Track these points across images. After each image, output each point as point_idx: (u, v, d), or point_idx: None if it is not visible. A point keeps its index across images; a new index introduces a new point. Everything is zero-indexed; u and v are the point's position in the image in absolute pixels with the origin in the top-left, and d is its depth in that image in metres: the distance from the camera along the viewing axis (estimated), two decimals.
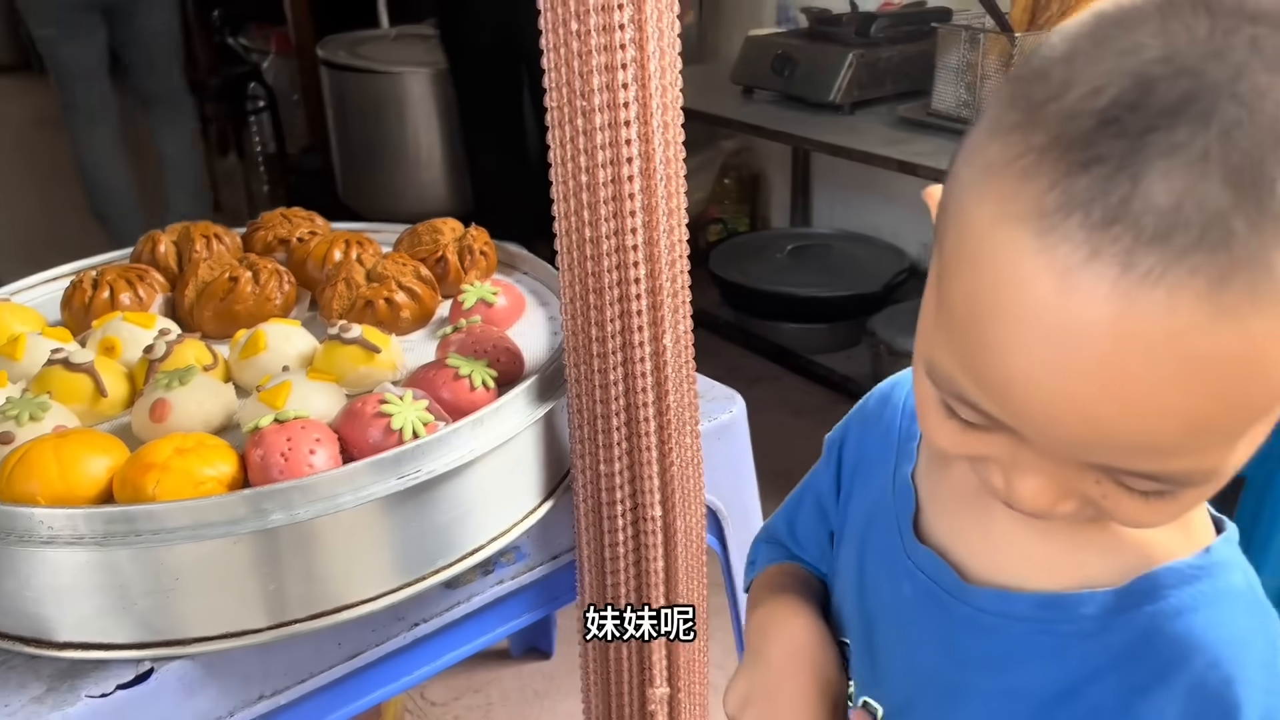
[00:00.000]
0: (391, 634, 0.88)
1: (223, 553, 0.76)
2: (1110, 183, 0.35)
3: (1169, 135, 0.34)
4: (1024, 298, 0.37)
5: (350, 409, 0.84)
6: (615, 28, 0.81)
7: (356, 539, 0.80)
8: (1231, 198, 0.34)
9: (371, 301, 1.03)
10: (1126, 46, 0.36)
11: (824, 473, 0.69)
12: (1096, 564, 0.49)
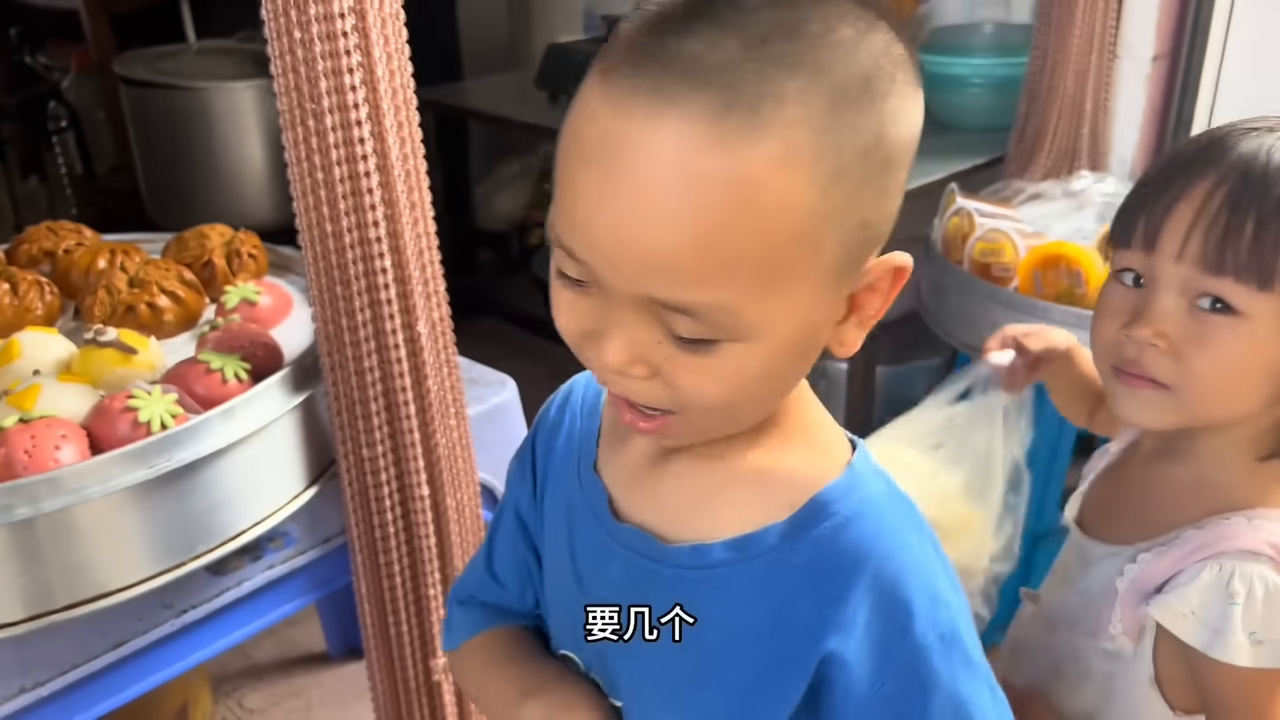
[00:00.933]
0: (158, 621, 0.91)
1: None
2: (656, 42, 0.45)
3: (709, 7, 0.46)
4: (591, 130, 0.46)
5: (99, 406, 0.87)
6: (339, 35, 0.87)
7: (109, 528, 0.83)
8: (741, 49, 0.44)
9: (133, 306, 1.05)
10: None
11: (519, 488, 0.69)
12: (769, 502, 0.55)
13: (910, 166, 0.50)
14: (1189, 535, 0.74)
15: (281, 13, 0.85)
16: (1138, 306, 0.72)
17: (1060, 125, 1.93)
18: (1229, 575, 0.70)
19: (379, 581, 1.05)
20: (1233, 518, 0.73)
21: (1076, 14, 1.84)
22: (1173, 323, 0.69)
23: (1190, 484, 0.76)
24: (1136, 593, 0.75)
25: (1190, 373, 0.70)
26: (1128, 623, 0.76)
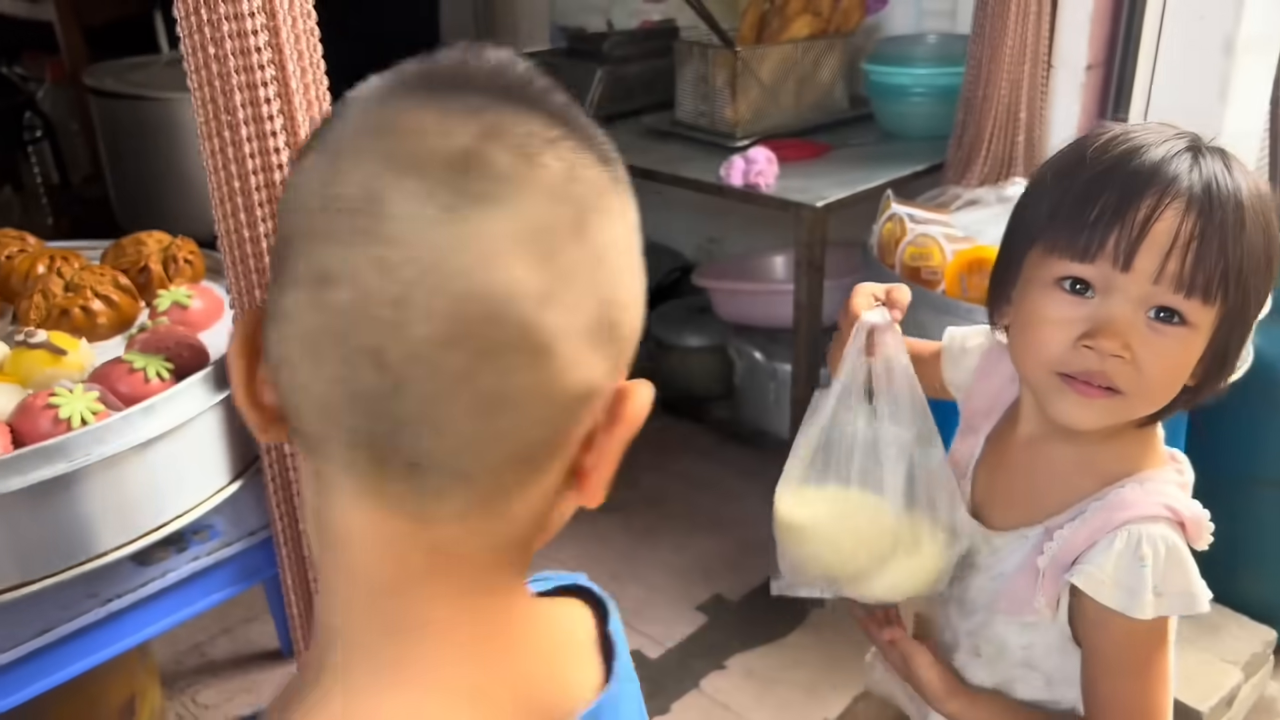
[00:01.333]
0: (83, 610, 0.96)
1: None
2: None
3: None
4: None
5: (22, 404, 0.91)
6: (253, 50, 0.92)
7: (31, 520, 0.88)
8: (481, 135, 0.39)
9: (67, 310, 1.10)
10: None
11: None
12: None
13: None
14: (1093, 508, 0.80)
15: (196, 29, 0.90)
16: (1093, 318, 0.75)
17: (995, 133, 1.98)
18: (1137, 540, 0.76)
19: (304, 573, 1.09)
20: (1127, 485, 0.80)
21: (1008, 26, 1.89)
22: (1134, 334, 0.74)
23: (1078, 459, 0.82)
24: (1057, 567, 0.80)
25: (1146, 379, 0.75)
26: (1049, 595, 0.81)
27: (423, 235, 0.36)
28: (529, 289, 0.36)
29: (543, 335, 0.37)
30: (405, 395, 0.36)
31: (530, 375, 0.37)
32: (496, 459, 0.39)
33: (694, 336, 2.56)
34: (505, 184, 0.37)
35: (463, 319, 0.36)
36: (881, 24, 2.46)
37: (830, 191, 1.90)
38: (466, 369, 0.36)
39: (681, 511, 2.22)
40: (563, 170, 0.38)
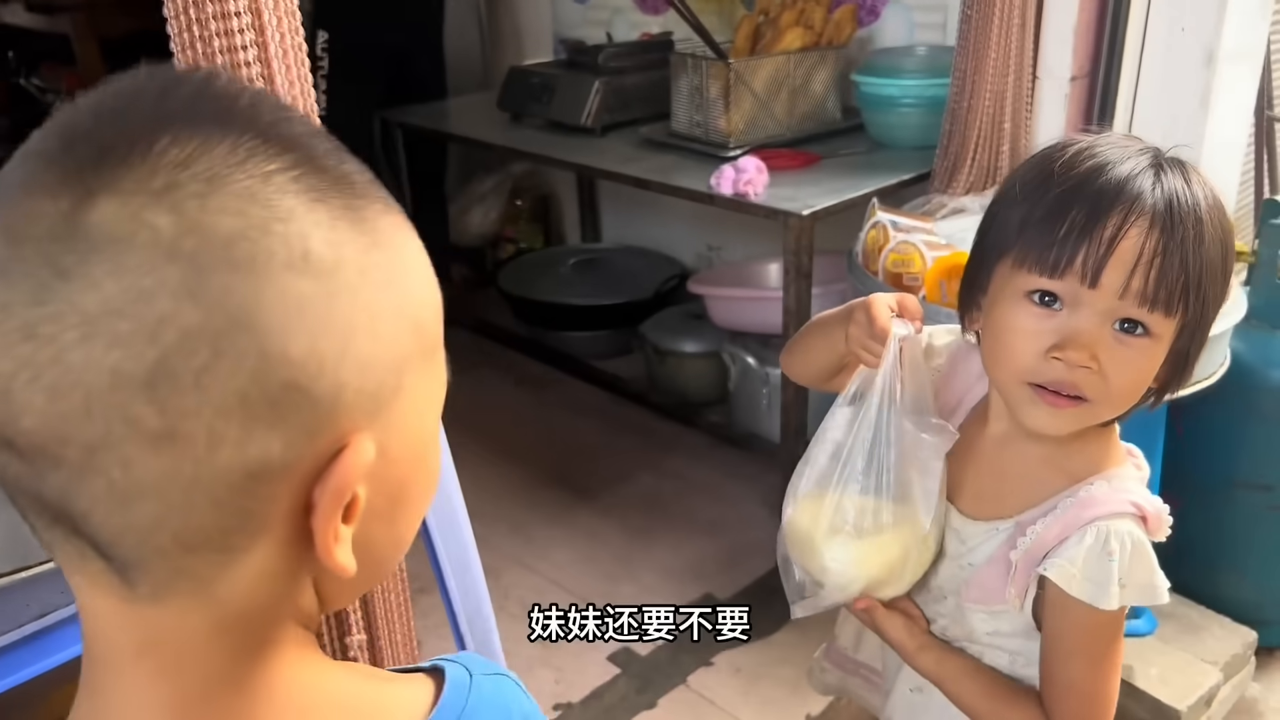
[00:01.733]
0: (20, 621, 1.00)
1: None
2: None
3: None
4: None
5: None
6: (241, 65, 0.97)
7: None
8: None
9: None
10: None
11: None
12: None
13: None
14: (1064, 504, 0.84)
15: (188, 45, 0.95)
16: (1061, 329, 0.79)
17: (980, 143, 2.02)
18: (1105, 536, 0.81)
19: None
20: (1095, 483, 0.84)
21: (992, 38, 1.94)
22: (1101, 346, 0.78)
23: (1047, 458, 0.87)
24: (1029, 560, 0.85)
25: (1112, 387, 0.79)
26: (1019, 587, 0.86)
27: (16, 320, 0.33)
28: (129, 371, 0.33)
29: (156, 424, 0.34)
30: (45, 482, 0.35)
31: (157, 463, 0.34)
32: (162, 545, 0.36)
33: (689, 342, 2.61)
34: (101, 251, 0.33)
35: (61, 415, 0.33)
36: (874, 36, 2.50)
37: (817, 200, 1.95)
38: (84, 462, 0.34)
39: (676, 513, 2.26)
40: (172, 224, 0.34)
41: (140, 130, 0.35)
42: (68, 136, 0.36)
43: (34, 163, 0.36)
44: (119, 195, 0.34)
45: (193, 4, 0.94)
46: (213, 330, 0.34)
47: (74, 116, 0.37)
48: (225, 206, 0.34)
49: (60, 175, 0.34)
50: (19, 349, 0.33)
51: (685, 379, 2.61)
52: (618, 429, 2.62)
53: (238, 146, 0.35)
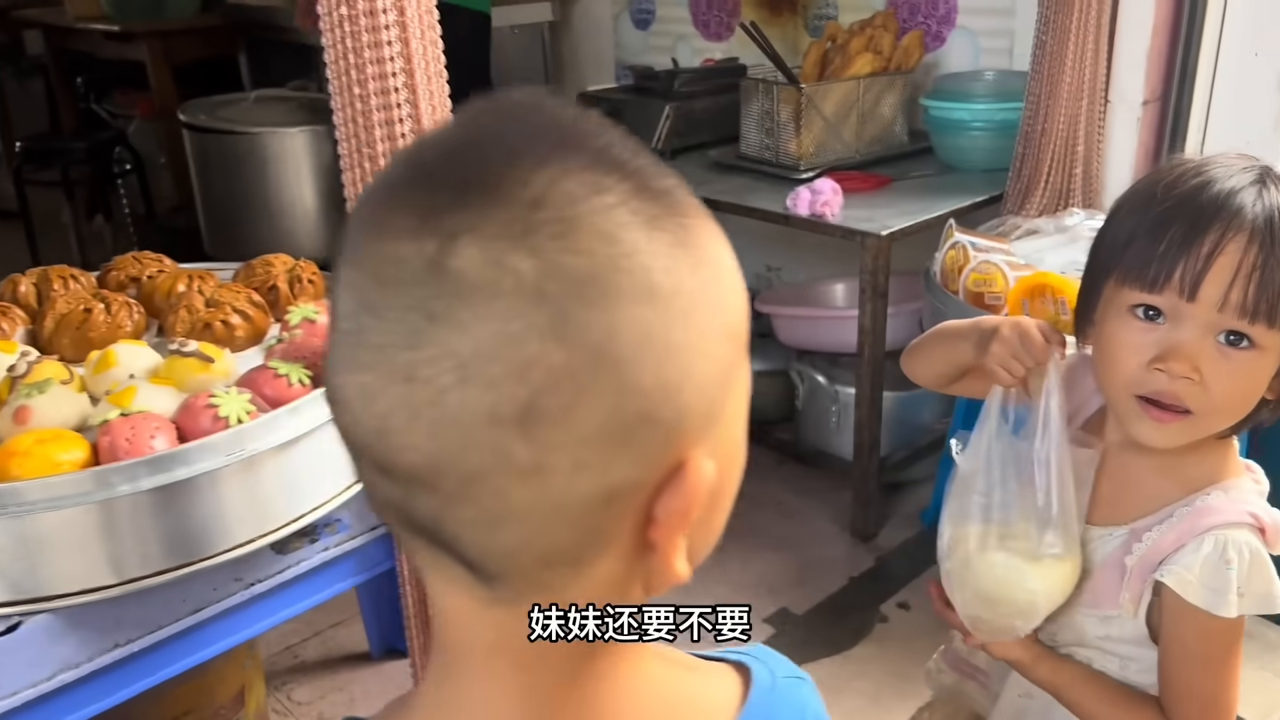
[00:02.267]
0: (230, 592, 1.06)
1: (76, 520, 0.93)
2: None
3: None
4: None
5: (185, 404, 1.03)
6: (391, 90, 1.03)
7: (193, 507, 0.99)
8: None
9: (209, 323, 1.21)
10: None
11: None
12: None
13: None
14: (1180, 513, 0.87)
15: (343, 71, 1.02)
16: (1163, 342, 0.82)
17: (1054, 166, 2.06)
18: (1223, 545, 0.83)
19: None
20: (1212, 493, 0.87)
21: (1066, 63, 1.97)
22: (1203, 357, 0.81)
23: (1163, 467, 0.89)
24: (1145, 566, 0.87)
25: (1214, 399, 0.82)
26: (1134, 592, 0.88)
27: (393, 363, 0.36)
28: (503, 412, 0.35)
29: (526, 458, 0.36)
30: (416, 505, 0.37)
31: (525, 493, 0.36)
32: (525, 564, 0.38)
33: (756, 361, 2.63)
34: (469, 297, 0.35)
35: (439, 451, 0.36)
36: (940, 61, 2.54)
37: (894, 221, 1.99)
38: (457, 492, 0.36)
39: (745, 529, 2.29)
40: (534, 269, 0.35)
41: (492, 169, 0.36)
42: (421, 176, 0.38)
43: (389, 202, 0.37)
44: (480, 239, 0.35)
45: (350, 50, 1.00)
46: (576, 368, 0.35)
47: (422, 154, 0.39)
48: (580, 247, 0.36)
49: (420, 217, 0.36)
50: (396, 389, 0.35)
51: (752, 397, 2.64)
52: None
53: (583, 180, 0.37)
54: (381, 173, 0.40)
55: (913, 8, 2.54)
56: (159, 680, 1.03)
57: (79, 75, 4.51)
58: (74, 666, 0.97)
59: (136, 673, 1.02)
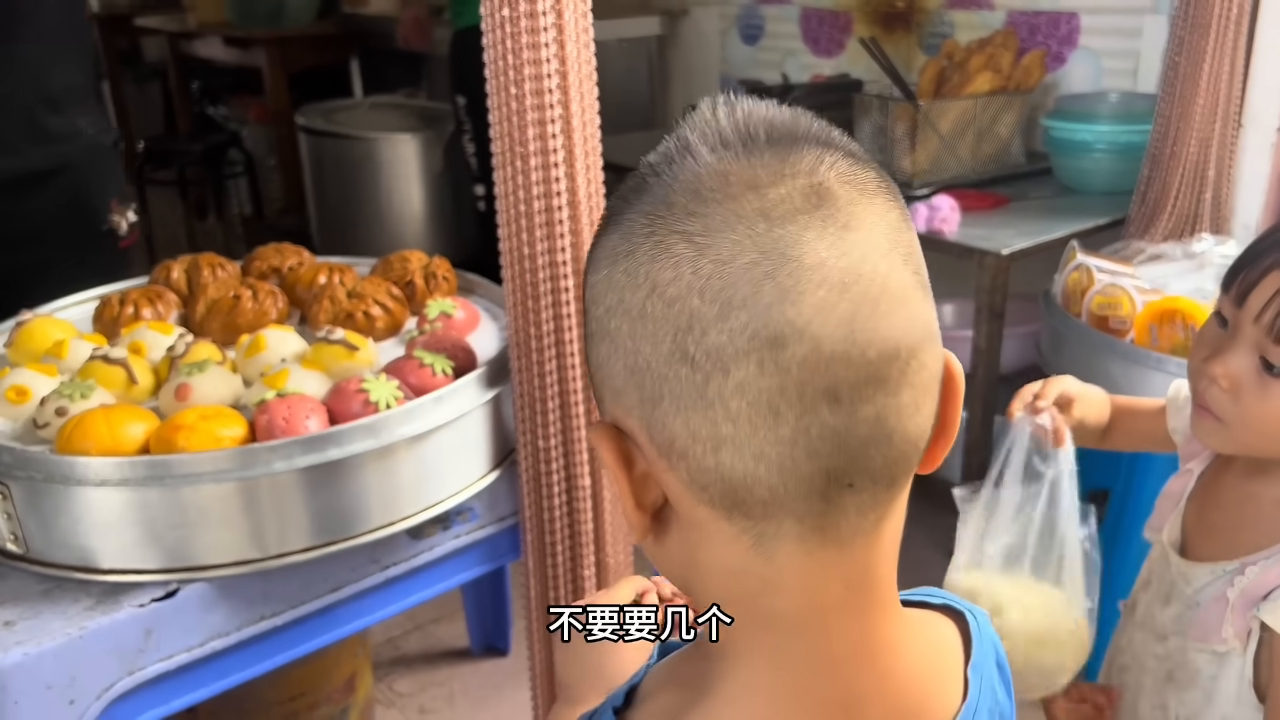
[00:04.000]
0: (367, 573, 1.09)
1: (233, 493, 0.97)
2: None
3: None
4: None
5: (336, 388, 1.06)
6: (545, 91, 1.05)
7: (342, 488, 1.01)
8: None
9: (352, 314, 1.25)
10: None
11: None
12: None
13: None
14: None
15: (501, 72, 1.04)
16: (1219, 346, 0.84)
17: (1182, 190, 2.00)
18: None
19: (544, 560, 1.20)
20: None
21: (1200, 85, 1.92)
22: (1243, 371, 0.81)
23: (1274, 500, 0.88)
24: (1247, 601, 0.85)
25: (1242, 416, 0.82)
26: (1237, 627, 0.86)
27: (837, 269, 0.38)
28: (923, 283, 0.42)
29: (934, 324, 0.42)
30: (858, 422, 0.39)
31: (935, 364, 0.41)
32: (915, 456, 0.41)
33: None
34: (857, 210, 0.39)
35: (895, 333, 0.39)
36: (1060, 81, 2.50)
37: (1013, 241, 1.96)
38: (900, 377, 0.39)
39: None
40: (874, 175, 0.42)
41: (799, 124, 0.43)
42: (751, 142, 0.41)
43: (733, 169, 0.40)
44: (830, 167, 0.40)
45: (509, 50, 1.02)
46: (916, 279, 0.42)
47: (729, 134, 0.42)
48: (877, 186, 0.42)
49: (776, 167, 0.40)
50: (850, 293, 0.38)
51: None
52: None
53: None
54: (666, 149, 0.43)
55: (1032, 27, 2.51)
56: (298, 654, 1.06)
57: (194, 80, 4.69)
58: (224, 635, 1.00)
59: (279, 645, 1.05)
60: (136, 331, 1.20)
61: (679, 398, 0.39)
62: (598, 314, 0.42)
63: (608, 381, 0.42)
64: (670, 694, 0.47)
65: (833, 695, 0.43)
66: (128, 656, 0.95)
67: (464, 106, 2.74)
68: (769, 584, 0.42)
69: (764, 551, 0.41)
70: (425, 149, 3.09)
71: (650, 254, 0.40)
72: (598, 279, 0.42)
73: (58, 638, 0.91)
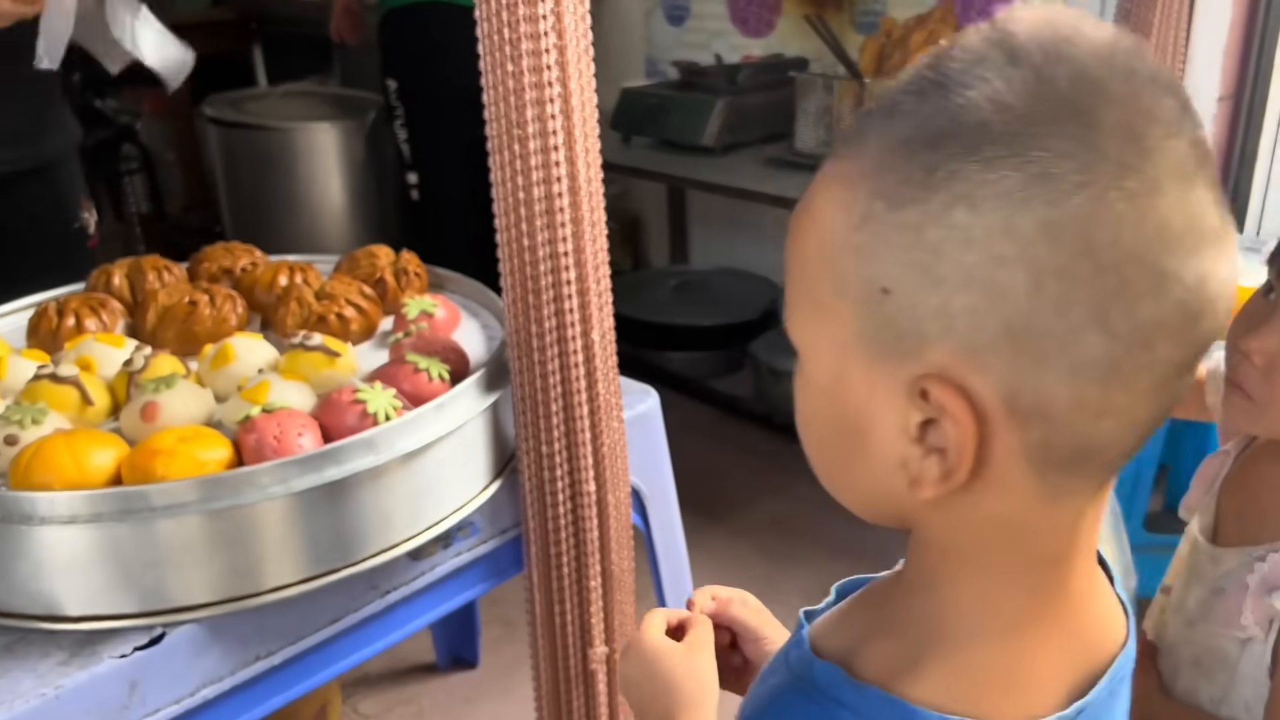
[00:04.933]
0: (367, 601, 0.99)
1: (220, 523, 0.86)
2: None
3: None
4: None
5: (328, 399, 0.96)
6: (543, 68, 0.97)
7: (341, 510, 0.92)
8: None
9: (324, 316, 1.15)
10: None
11: None
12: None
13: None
14: None
15: (496, 47, 0.95)
16: (1258, 320, 0.80)
17: None
18: None
19: (548, 571, 1.13)
20: None
21: None
22: (1277, 347, 0.78)
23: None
24: (1265, 587, 0.83)
25: (1272, 396, 0.78)
26: (1258, 614, 0.83)
27: (1228, 236, 0.38)
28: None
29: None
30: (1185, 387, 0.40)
31: None
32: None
33: None
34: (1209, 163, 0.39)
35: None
36: None
37: None
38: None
39: (811, 535, 2.24)
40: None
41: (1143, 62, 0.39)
42: (1145, 81, 0.38)
43: (1137, 109, 0.37)
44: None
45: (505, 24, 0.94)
46: None
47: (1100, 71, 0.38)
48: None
49: (1176, 113, 0.38)
50: (1226, 248, 0.38)
51: None
52: (733, 450, 2.61)
53: None
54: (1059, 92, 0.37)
55: (966, 3, 2.51)
56: (297, 694, 0.96)
57: (74, 72, 4.40)
58: (217, 680, 0.90)
59: (277, 685, 0.95)
60: (82, 345, 1.07)
61: (1079, 366, 0.37)
62: (970, 260, 0.37)
63: (961, 335, 0.38)
64: (886, 642, 0.46)
65: (1074, 629, 0.45)
66: (111, 714, 0.84)
67: (395, 91, 2.61)
68: (1046, 530, 0.43)
69: (1058, 502, 0.42)
70: (346, 137, 2.94)
71: (1086, 210, 0.35)
72: (988, 221, 0.36)
73: (30, 699, 0.80)
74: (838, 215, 0.41)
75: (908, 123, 0.39)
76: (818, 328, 0.43)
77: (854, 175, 0.41)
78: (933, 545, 0.46)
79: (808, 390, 0.45)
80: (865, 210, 0.40)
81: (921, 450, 0.40)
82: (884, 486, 0.43)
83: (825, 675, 0.46)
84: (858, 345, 0.41)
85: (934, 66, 0.39)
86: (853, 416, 0.43)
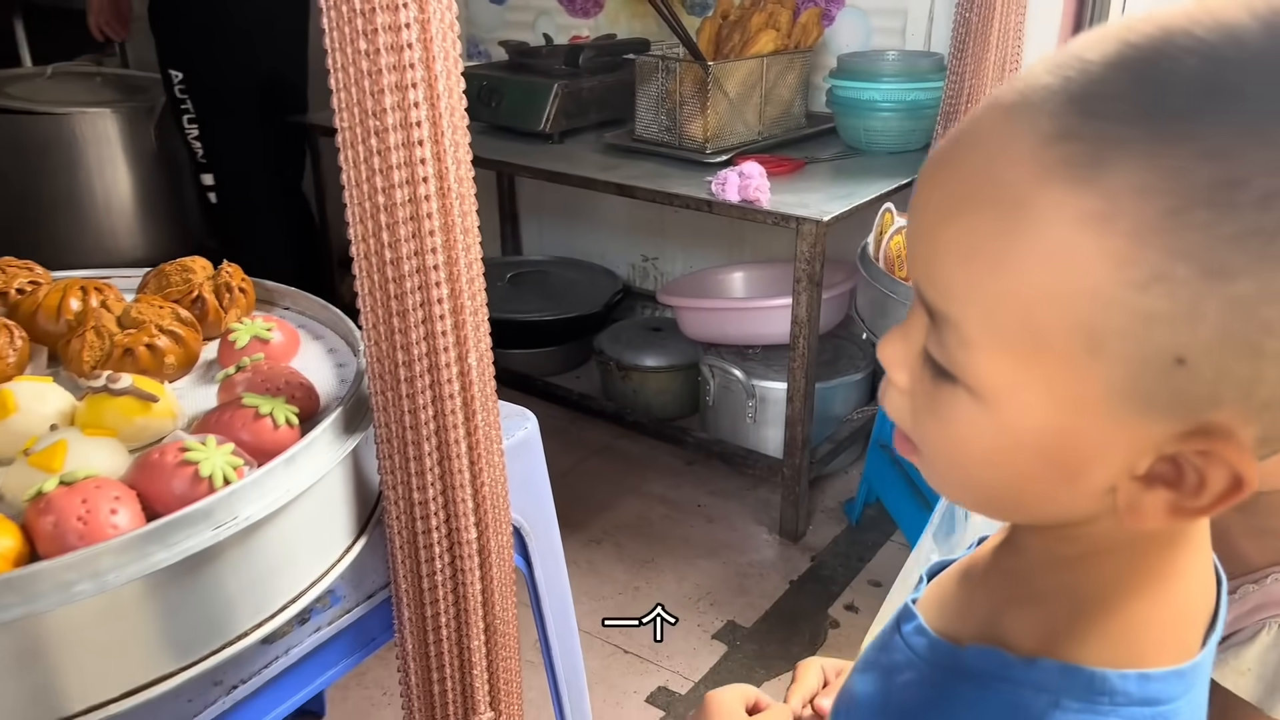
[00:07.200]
0: (210, 701, 0.81)
1: (11, 639, 0.66)
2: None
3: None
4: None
5: (146, 462, 0.76)
6: (404, 46, 0.81)
7: (171, 602, 0.73)
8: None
9: (131, 349, 0.94)
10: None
11: None
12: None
13: None
14: (1247, 590, 0.76)
15: (346, 20, 0.78)
16: None
17: None
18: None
19: (424, 635, 0.97)
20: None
21: (991, 42, 1.94)
22: None
23: (1249, 530, 0.79)
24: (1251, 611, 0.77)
25: None
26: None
27: None
28: None
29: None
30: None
31: None
32: None
33: (654, 356, 2.50)
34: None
35: None
36: (829, 41, 2.48)
37: (827, 205, 1.89)
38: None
39: (673, 538, 2.14)
40: None
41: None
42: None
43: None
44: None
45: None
46: None
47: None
48: None
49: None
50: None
51: (650, 394, 2.50)
52: (584, 451, 2.48)
53: None
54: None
55: None
56: None
57: None
58: None
59: None
60: None
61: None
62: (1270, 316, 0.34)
63: (1258, 400, 0.36)
64: (1026, 614, 0.46)
65: (1190, 599, 0.47)
66: None
67: (180, 83, 2.31)
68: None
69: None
70: (131, 125, 2.61)
71: None
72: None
73: None
74: (1096, 265, 0.35)
75: (1206, 161, 0.33)
76: (1030, 374, 0.38)
77: (1121, 220, 0.34)
78: (1084, 538, 0.44)
79: (994, 430, 0.41)
80: (1158, 271, 0.34)
81: (1143, 484, 0.39)
82: (1084, 511, 0.42)
83: (983, 660, 0.45)
84: (1106, 402, 0.37)
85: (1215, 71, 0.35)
86: (1067, 459, 0.40)
